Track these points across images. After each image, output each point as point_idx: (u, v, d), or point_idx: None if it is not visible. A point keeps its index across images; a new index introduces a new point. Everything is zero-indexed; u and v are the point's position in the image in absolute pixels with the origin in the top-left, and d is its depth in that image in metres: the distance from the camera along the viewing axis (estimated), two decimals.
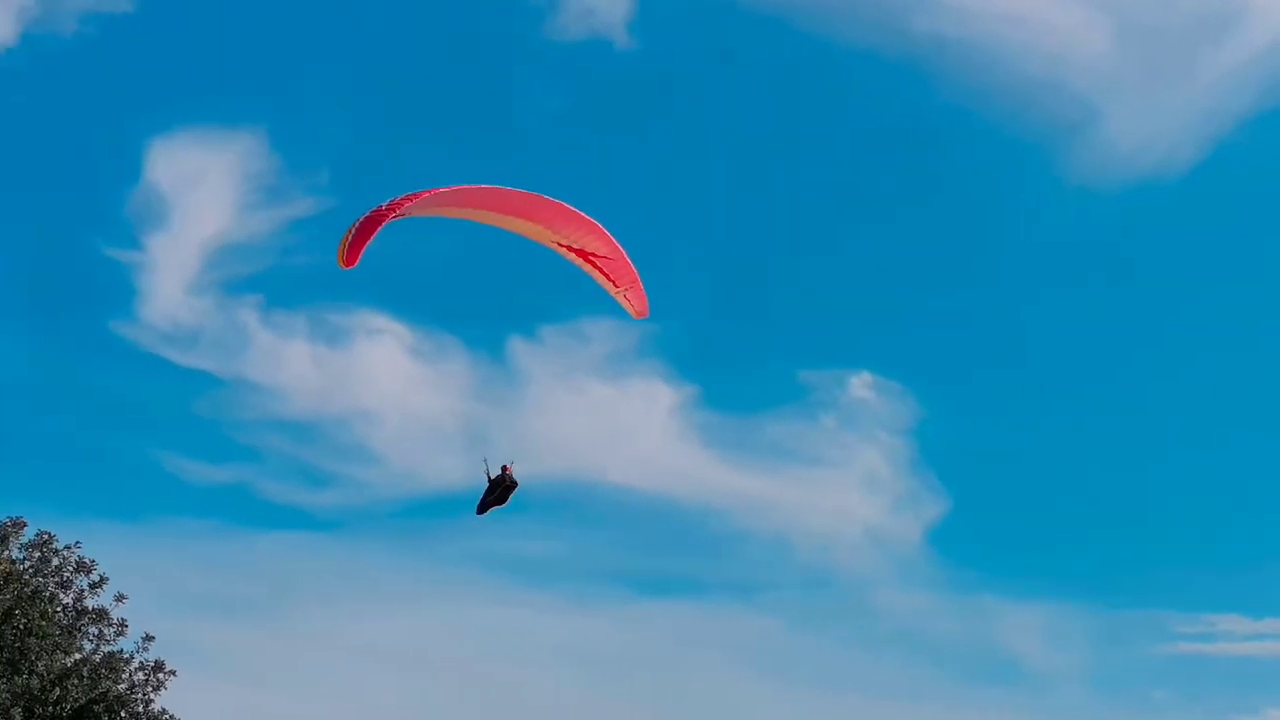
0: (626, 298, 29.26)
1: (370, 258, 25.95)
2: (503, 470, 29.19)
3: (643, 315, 29.83)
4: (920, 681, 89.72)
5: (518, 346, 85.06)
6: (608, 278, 28.77)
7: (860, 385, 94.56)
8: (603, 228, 28.09)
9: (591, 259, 28.38)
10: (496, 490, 29.17)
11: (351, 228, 25.73)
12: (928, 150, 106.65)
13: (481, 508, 29.38)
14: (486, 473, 29.24)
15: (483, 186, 27.31)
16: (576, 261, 28.44)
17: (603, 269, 28.56)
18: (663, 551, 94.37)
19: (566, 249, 28.24)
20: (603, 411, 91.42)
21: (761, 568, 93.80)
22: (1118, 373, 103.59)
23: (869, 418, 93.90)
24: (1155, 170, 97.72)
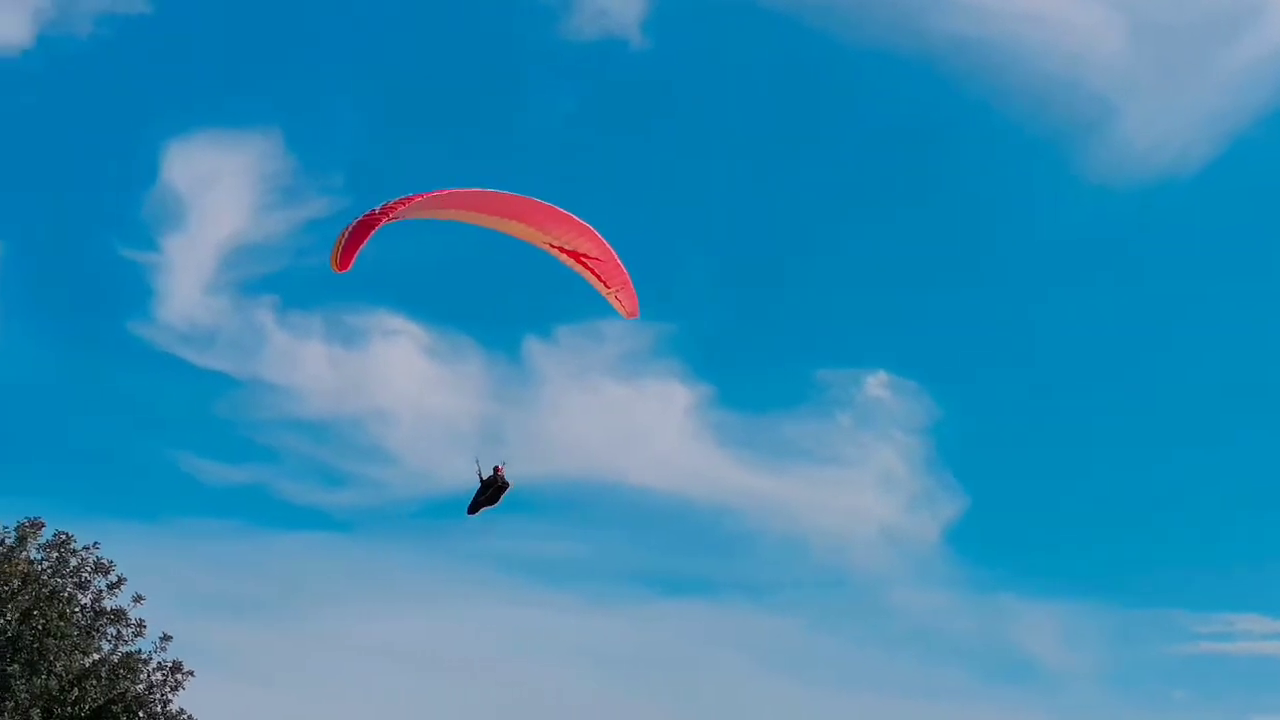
0: (617, 298, 29.72)
1: (385, 259, 26.18)
2: (494, 471, 29.46)
3: (633, 316, 30.26)
4: (937, 681, 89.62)
5: (533, 347, 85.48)
6: (599, 279, 29.24)
7: (876, 384, 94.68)
8: (594, 229, 28.51)
9: (583, 260, 28.82)
10: (488, 490, 29.41)
11: (344, 232, 26.14)
12: (944, 149, 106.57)
13: (473, 508, 29.60)
14: (478, 473, 29.49)
15: (476, 189, 27.71)
16: (568, 263, 28.90)
17: (594, 270, 29.01)
18: (678, 551, 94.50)
19: (559, 250, 28.67)
20: (618, 411, 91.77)
21: (778, 567, 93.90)
22: (1136, 371, 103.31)
23: (885, 417, 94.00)
24: (1170, 168, 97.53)
